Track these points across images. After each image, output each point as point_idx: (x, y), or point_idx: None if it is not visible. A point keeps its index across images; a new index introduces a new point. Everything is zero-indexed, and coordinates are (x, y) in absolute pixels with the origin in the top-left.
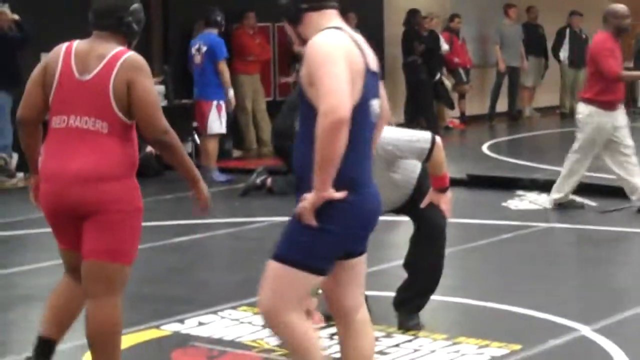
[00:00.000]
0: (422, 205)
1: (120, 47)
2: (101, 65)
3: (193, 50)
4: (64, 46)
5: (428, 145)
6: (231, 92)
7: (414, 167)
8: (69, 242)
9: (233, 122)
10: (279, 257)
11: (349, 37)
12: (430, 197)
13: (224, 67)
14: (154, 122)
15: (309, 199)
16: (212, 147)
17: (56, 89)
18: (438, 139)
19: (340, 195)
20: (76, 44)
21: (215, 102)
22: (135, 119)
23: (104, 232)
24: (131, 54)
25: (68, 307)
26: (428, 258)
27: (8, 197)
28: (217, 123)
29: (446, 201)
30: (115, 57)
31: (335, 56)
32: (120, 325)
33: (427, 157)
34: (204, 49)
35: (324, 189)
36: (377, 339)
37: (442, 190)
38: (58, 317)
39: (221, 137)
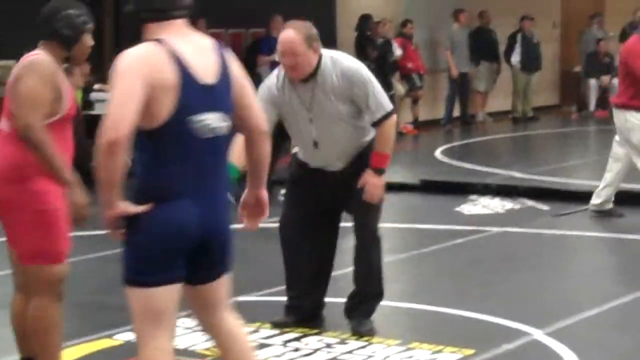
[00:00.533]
0: (359, 185)
1: (40, 51)
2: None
3: None
4: None
5: (387, 110)
6: None
7: (370, 131)
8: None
9: None
10: (123, 281)
11: (163, 50)
12: (365, 176)
13: None
14: (18, 115)
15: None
16: None
17: None
18: (395, 116)
19: (137, 209)
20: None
21: None
22: None
23: (12, 236)
24: (34, 56)
25: None
26: (365, 264)
27: None
28: None
29: (376, 184)
30: (23, 59)
31: (129, 73)
32: (46, 325)
33: (378, 122)
34: None
35: (111, 206)
36: (330, 345)
37: (378, 171)
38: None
39: None
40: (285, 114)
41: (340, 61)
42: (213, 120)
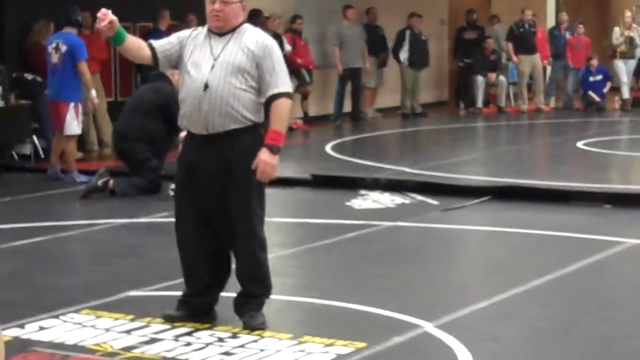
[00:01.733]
0: (253, 165)
1: None
2: None
3: (49, 49)
4: None
5: (287, 90)
6: (93, 92)
7: (256, 114)
8: None
9: None
10: None
11: None
12: (259, 155)
13: (85, 68)
14: None
15: None
16: (71, 148)
17: None
18: (291, 101)
19: None
20: None
21: (72, 103)
22: None
23: None
24: None
25: None
26: (250, 266)
27: None
28: (74, 124)
29: (268, 162)
30: None
31: None
32: None
33: (275, 96)
34: (64, 48)
35: None
36: (222, 339)
37: (271, 148)
38: None
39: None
40: (189, 54)
41: (261, 33)
42: None
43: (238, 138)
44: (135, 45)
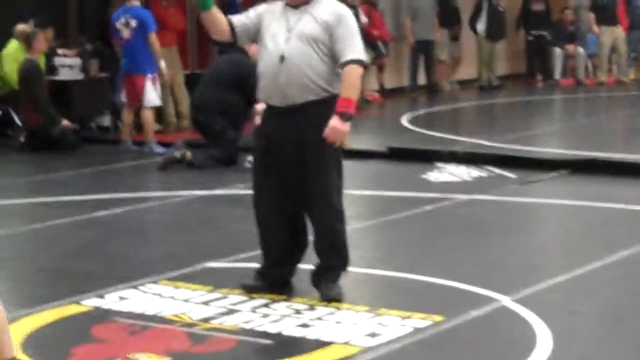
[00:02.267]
0: (325, 133)
1: None
2: None
3: (118, 25)
4: None
5: (359, 57)
6: (163, 64)
7: (337, 80)
8: None
9: None
10: None
11: None
12: (330, 122)
13: (155, 40)
14: None
15: None
16: (149, 119)
17: None
18: (362, 69)
19: None
20: None
21: (149, 75)
22: None
23: None
24: None
25: None
26: (327, 238)
27: None
28: (153, 95)
29: (337, 128)
30: None
31: None
32: None
33: (346, 63)
34: (134, 23)
35: None
36: (299, 311)
37: (342, 116)
38: None
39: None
40: (267, 28)
41: (335, 3)
42: None
43: (315, 109)
44: (218, 18)
